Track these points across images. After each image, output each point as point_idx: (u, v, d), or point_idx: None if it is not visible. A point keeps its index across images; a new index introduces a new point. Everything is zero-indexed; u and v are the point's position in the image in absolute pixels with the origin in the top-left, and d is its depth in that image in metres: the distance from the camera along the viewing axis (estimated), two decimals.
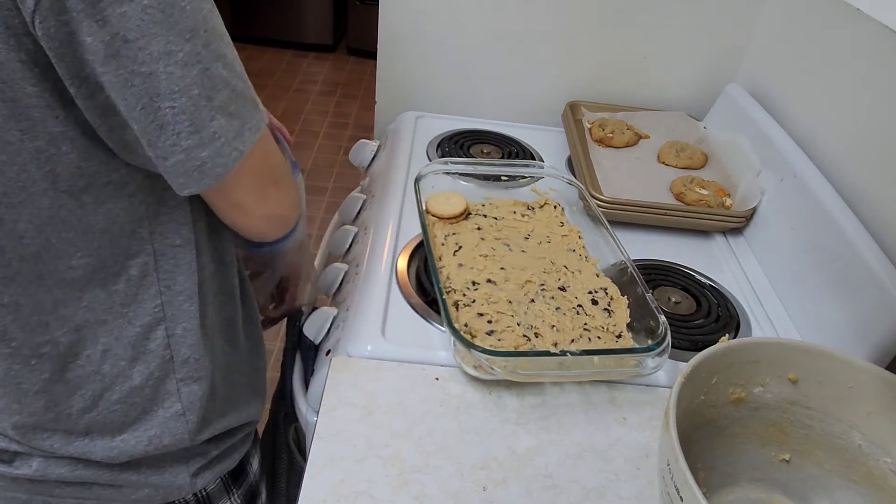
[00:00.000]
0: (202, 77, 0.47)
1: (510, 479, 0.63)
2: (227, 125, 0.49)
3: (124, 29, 0.43)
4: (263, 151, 0.55)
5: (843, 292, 0.79)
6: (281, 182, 0.59)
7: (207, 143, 0.49)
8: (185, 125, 0.47)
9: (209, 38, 0.47)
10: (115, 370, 0.58)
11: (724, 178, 1.08)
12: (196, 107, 0.47)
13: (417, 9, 1.19)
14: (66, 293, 0.55)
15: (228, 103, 0.49)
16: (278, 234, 0.64)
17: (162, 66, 0.45)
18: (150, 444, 0.61)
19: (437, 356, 0.74)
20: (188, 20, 0.46)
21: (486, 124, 1.24)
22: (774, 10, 1.14)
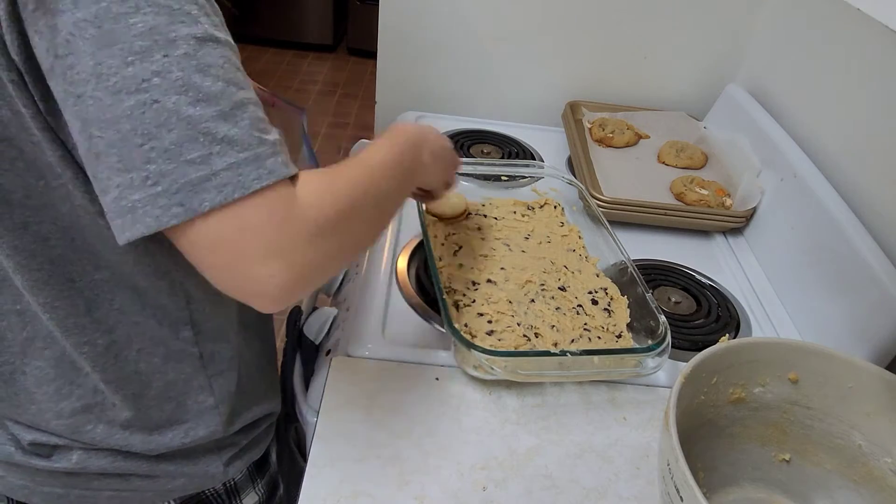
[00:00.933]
0: (142, 109, 0.39)
1: (510, 479, 0.63)
2: (174, 172, 0.40)
3: (55, 43, 0.39)
4: (244, 218, 0.41)
5: (843, 292, 0.79)
6: (276, 258, 0.42)
7: (139, 187, 0.40)
8: (114, 160, 0.40)
9: (170, 65, 0.39)
10: (151, 368, 0.59)
11: (724, 178, 1.08)
12: (125, 143, 0.39)
13: (417, 9, 1.19)
14: (98, 295, 0.55)
15: (186, 147, 0.40)
16: (268, 307, 0.45)
17: (90, 89, 0.39)
18: (186, 436, 0.63)
19: (437, 356, 0.74)
20: (135, 40, 0.39)
21: (486, 124, 1.24)
22: (774, 10, 1.14)
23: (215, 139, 0.40)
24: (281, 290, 0.42)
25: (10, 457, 0.61)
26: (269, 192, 0.41)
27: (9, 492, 0.63)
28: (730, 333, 0.82)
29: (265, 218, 0.41)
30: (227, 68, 0.42)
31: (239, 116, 0.42)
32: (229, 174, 0.40)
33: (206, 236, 0.41)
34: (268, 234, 0.41)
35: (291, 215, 0.42)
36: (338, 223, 0.46)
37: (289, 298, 0.44)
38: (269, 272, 0.42)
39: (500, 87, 1.27)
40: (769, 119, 1.06)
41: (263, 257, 0.41)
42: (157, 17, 0.39)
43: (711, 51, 1.22)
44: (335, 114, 3.36)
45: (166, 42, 0.39)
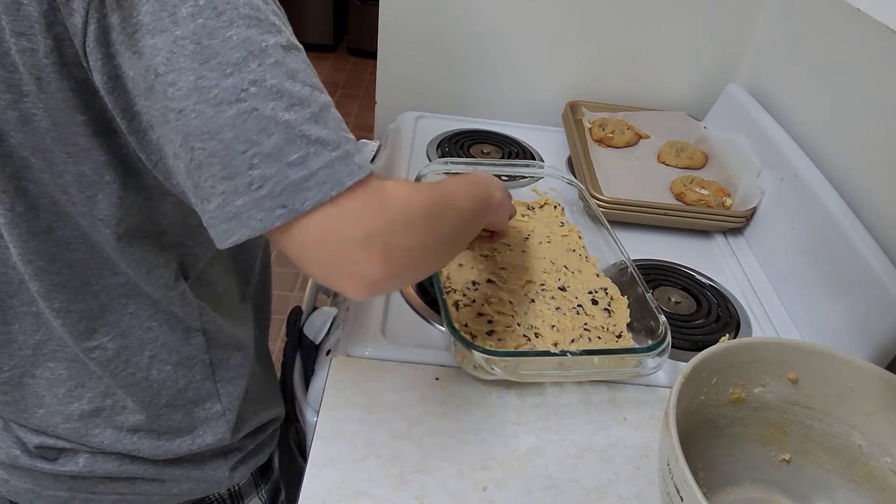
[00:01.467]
0: (243, 118, 0.41)
1: (510, 479, 0.63)
2: (277, 175, 0.41)
3: (155, 62, 0.41)
4: (343, 208, 0.43)
5: (843, 292, 0.79)
6: (375, 241, 0.44)
7: (243, 192, 0.42)
8: (217, 168, 0.42)
9: (264, 73, 0.41)
10: (162, 375, 0.60)
11: (724, 178, 1.08)
12: (228, 151, 0.41)
13: (417, 9, 1.19)
14: (113, 299, 0.56)
15: (285, 150, 0.41)
16: (361, 292, 0.46)
17: (192, 103, 0.41)
18: (193, 443, 0.63)
19: (437, 356, 0.74)
20: (232, 52, 0.40)
21: (486, 124, 1.24)
22: (774, 10, 1.14)
23: (310, 140, 0.42)
24: (376, 273, 0.44)
25: (15, 460, 0.61)
26: (362, 186, 0.43)
27: (13, 496, 0.63)
28: (730, 333, 0.82)
29: (363, 206, 0.43)
30: (309, 73, 0.44)
31: (327, 117, 0.44)
32: (326, 172, 0.42)
33: (309, 232, 0.43)
34: (367, 220, 0.43)
35: (385, 204, 0.45)
36: (426, 219, 0.48)
37: (381, 284, 0.45)
38: (367, 255, 0.43)
39: (500, 87, 1.27)
40: (769, 119, 1.06)
41: (362, 241, 0.43)
42: (249, 28, 0.41)
43: (711, 51, 1.22)
44: None
45: (259, 52, 0.41)
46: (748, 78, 1.20)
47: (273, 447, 0.74)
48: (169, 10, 0.40)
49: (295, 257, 0.45)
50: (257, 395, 0.69)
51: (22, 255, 0.51)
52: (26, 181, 0.49)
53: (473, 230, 0.65)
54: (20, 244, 0.51)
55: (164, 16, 0.40)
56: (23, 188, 0.49)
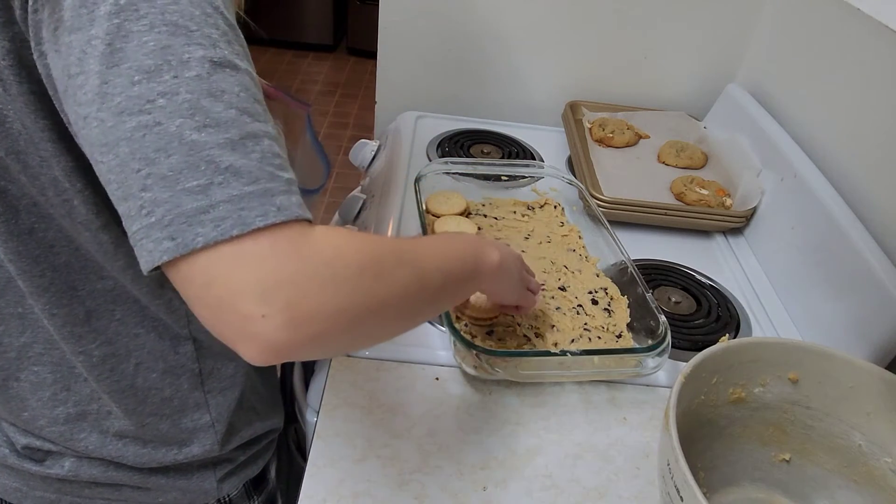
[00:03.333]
0: (142, 132, 0.36)
1: (510, 479, 0.63)
2: (169, 201, 0.36)
3: (69, 62, 0.37)
4: (242, 249, 0.36)
5: (843, 292, 0.79)
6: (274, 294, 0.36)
7: (135, 216, 0.37)
8: (114, 187, 0.37)
9: (178, 86, 0.36)
10: (148, 383, 0.59)
11: (724, 178, 1.08)
12: (123, 168, 0.36)
13: (417, 9, 1.19)
14: (99, 304, 0.55)
15: (184, 174, 0.36)
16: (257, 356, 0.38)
17: (94, 109, 0.37)
18: (180, 452, 0.62)
19: (437, 356, 0.74)
20: (145, 59, 0.36)
21: (486, 124, 1.24)
22: (774, 10, 1.14)
23: (218, 168, 0.36)
24: (275, 335, 0.36)
25: (4, 458, 0.61)
26: (274, 231, 0.37)
27: (2, 493, 0.63)
28: (730, 333, 0.82)
29: (267, 250, 0.36)
30: (242, 97, 0.39)
31: (250, 147, 0.38)
32: (229, 207, 0.36)
33: (198, 273, 0.36)
34: (268, 266, 0.36)
35: (302, 254, 0.37)
36: (360, 277, 0.39)
37: (283, 350, 0.37)
38: (263, 311, 0.36)
39: (500, 87, 1.27)
40: (769, 119, 1.06)
41: (261, 293, 0.36)
42: (173, 37, 0.37)
43: (711, 51, 1.22)
44: (335, 114, 3.36)
45: (178, 63, 0.37)
46: (748, 78, 1.20)
47: (268, 458, 0.72)
48: (88, 7, 0.37)
49: (186, 297, 0.38)
50: (253, 406, 0.67)
51: (4, 254, 0.51)
52: (5, 181, 0.48)
53: (442, 296, 0.51)
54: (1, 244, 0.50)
55: (84, 13, 0.37)
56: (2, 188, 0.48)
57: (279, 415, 0.73)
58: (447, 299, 0.55)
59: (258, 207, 0.37)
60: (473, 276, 0.55)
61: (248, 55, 0.42)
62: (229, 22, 0.41)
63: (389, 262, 0.42)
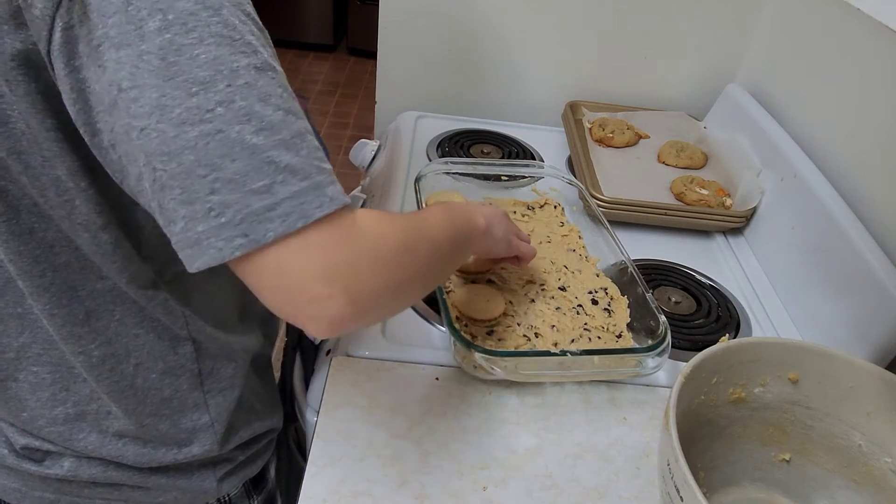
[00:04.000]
0: (206, 140, 0.39)
1: (510, 479, 0.63)
2: (238, 202, 0.39)
3: (119, 77, 0.39)
4: (307, 241, 0.41)
5: (843, 292, 0.79)
6: (337, 278, 0.41)
7: (202, 218, 0.40)
8: (177, 192, 0.40)
9: (233, 94, 0.39)
10: (147, 383, 0.59)
11: (724, 178, 1.08)
12: (188, 175, 0.39)
13: (417, 9, 1.19)
14: (99, 305, 0.55)
15: (249, 177, 0.39)
16: (322, 331, 0.44)
17: (154, 121, 0.39)
18: (180, 452, 0.62)
19: (437, 356, 0.74)
20: (199, 71, 0.39)
21: (486, 124, 1.24)
22: (774, 10, 1.14)
23: (278, 168, 0.40)
24: (338, 312, 0.42)
25: (2, 459, 0.61)
26: (330, 219, 0.41)
27: (1, 494, 0.63)
28: (730, 333, 0.82)
29: (327, 240, 0.41)
30: (285, 97, 0.42)
31: (299, 145, 0.41)
32: (292, 203, 0.40)
33: (270, 263, 0.41)
34: (330, 254, 0.41)
35: (353, 239, 0.42)
36: (398, 254, 0.45)
37: (344, 324, 0.43)
38: (328, 292, 0.41)
39: (500, 87, 1.27)
40: (769, 119, 1.06)
41: (325, 277, 0.41)
42: (220, 47, 0.39)
43: (711, 51, 1.22)
44: (335, 114, 3.36)
45: (229, 72, 0.39)
46: (748, 78, 1.20)
47: (268, 458, 0.73)
48: (136, 24, 0.38)
49: (257, 286, 0.42)
50: (252, 406, 0.67)
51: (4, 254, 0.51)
52: (5, 181, 0.48)
53: (452, 262, 0.61)
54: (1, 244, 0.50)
55: (131, 29, 0.38)
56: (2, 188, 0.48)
57: (278, 415, 0.73)
58: (454, 264, 0.64)
59: (315, 200, 0.41)
60: (469, 241, 0.62)
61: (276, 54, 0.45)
62: (260, 26, 0.43)
63: (414, 239, 0.48)
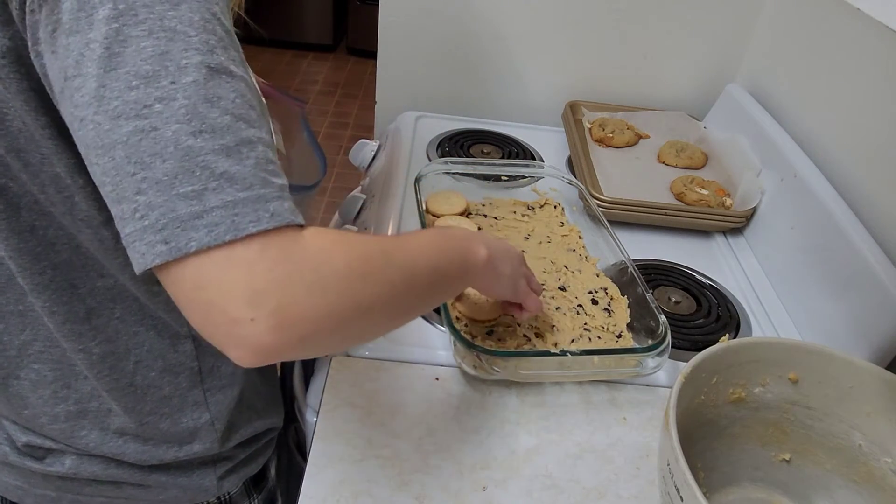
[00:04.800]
0: (138, 136, 0.36)
1: (510, 479, 0.63)
2: (163, 206, 0.36)
3: (66, 64, 0.38)
4: (233, 254, 0.37)
5: (843, 292, 0.79)
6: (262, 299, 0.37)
7: (129, 219, 0.37)
8: (108, 189, 0.38)
9: (175, 92, 0.37)
10: (147, 381, 0.59)
11: (724, 177, 1.08)
12: (118, 171, 0.37)
13: (417, 9, 1.19)
14: (100, 303, 0.55)
15: (179, 179, 0.36)
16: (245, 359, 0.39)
17: (91, 112, 0.37)
18: (181, 450, 0.62)
19: (437, 356, 0.74)
20: (143, 64, 0.37)
21: (486, 124, 1.24)
22: (774, 10, 1.14)
23: (213, 174, 0.37)
24: (262, 339, 0.37)
25: (4, 456, 0.61)
26: (267, 236, 0.38)
27: (3, 491, 0.63)
28: (730, 333, 0.82)
29: (256, 257, 0.37)
30: (238, 103, 0.39)
31: (245, 154, 0.38)
32: (223, 213, 0.37)
33: (189, 276, 0.37)
34: (257, 273, 0.37)
35: (290, 258, 0.38)
36: (347, 280, 0.40)
37: (270, 352, 0.38)
38: (251, 315, 0.37)
39: (500, 87, 1.27)
40: (769, 119, 1.06)
41: (248, 298, 0.37)
42: (171, 42, 0.37)
43: (711, 51, 1.22)
44: (335, 114, 3.37)
45: (176, 68, 0.37)
46: (748, 78, 1.20)
47: (268, 456, 0.73)
48: (87, 11, 0.37)
49: (177, 299, 0.39)
50: (252, 404, 0.67)
51: (5, 251, 0.51)
52: (5, 178, 0.48)
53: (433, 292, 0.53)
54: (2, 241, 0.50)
55: (82, 16, 0.37)
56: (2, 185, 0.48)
57: (279, 413, 0.73)
58: (437, 297, 0.56)
59: (251, 213, 0.37)
60: (462, 274, 0.57)
61: (244, 61, 0.42)
62: (226, 28, 0.41)
63: (378, 264, 0.44)
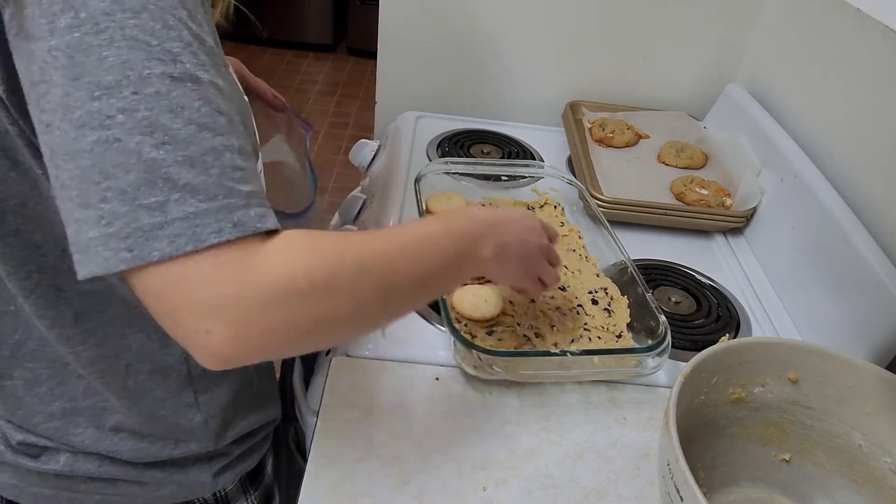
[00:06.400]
0: (103, 147, 0.37)
1: (510, 479, 0.63)
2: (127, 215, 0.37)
3: (31, 70, 0.38)
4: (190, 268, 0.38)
5: (843, 292, 0.79)
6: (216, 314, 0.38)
7: (94, 224, 0.38)
8: (74, 193, 0.38)
9: (137, 103, 0.37)
10: (138, 384, 0.59)
11: (724, 177, 1.08)
12: (84, 179, 0.38)
13: (417, 9, 1.19)
14: (89, 306, 0.54)
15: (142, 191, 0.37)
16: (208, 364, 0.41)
17: (58, 119, 0.38)
18: (176, 447, 0.62)
19: (437, 356, 0.74)
20: (104, 74, 0.37)
21: (486, 124, 1.24)
22: (774, 9, 1.14)
23: (175, 185, 0.38)
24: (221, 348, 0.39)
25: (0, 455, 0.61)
26: (228, 247, 0.39)
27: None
28: (730, 333, 0.82)
29: (213, 271, 0.38)
30: (203, 112, 0.39)
31: (209, 164, 0.39)
32: (185, 224, 0.38)
33: (152, 285, 0.39)
34: (212, 287, 0.38)
35: (245, 272, 0.39)
36: (308, 294, 0.41)
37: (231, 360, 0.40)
38: (207, 327, 0.38)
39: (500, 87, 1.27)
40: (769, 119, 1.06)
41: (203, 311, 0.38)
42: (132, 51, 0.37)
43: (711, 51, 1.22)
44: (335, 114, 3.37)
45: (138, 78, 0.37)
46: (748, 78, 1.20)
47: (264, 452, 0.72)
48: (48, 18, 0.37)
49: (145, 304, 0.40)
50: (248, 400, 0.67)
51: None
52: None
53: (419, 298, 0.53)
54: None
55: (43, 23, 0.37)
56: None
57: (276, 406, 0.73)
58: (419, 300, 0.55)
59: (213, 224, 0.38)
60: (454, 275, 0.56)
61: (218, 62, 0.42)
62: (195, 32, 0.41)
63: (347, 275, 0.43)
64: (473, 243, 0.56)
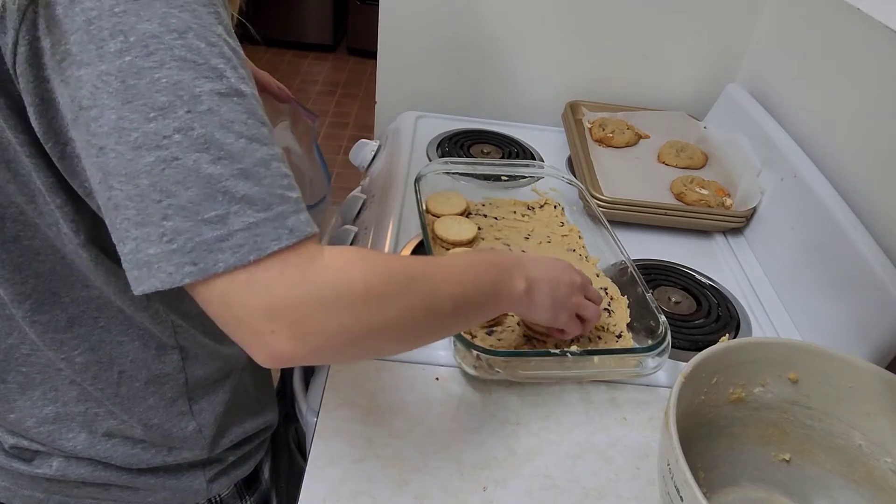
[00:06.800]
0: (161, 166, 0.38)
1: (510, 479, 0.63)
2: (190, 231, 0.39)
3: (80, 95, 0.39)
4: (254, 274, 0.40)
5: (843, 292, 0.79)
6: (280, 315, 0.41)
7: (155, 241, 0.39)
8: (132, 213, 0.39)
9: (192, 121, 0.39)
10: (131, 392, 0.59)
11: (724, 177, 1.08)
12: (143, 198, 0.39)
13: (417, 9, 1.19)
14: (83, 312, 0.54)
15: (203, 206, 0.39)
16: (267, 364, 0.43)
17: (112, 142, 0.39)
18: (169, 454, 0.62)
19: (437, 356, 0.74)
20: (158, 96, 0.38)
21: (486, 124, 1.24)
22: (774, 10, 1.14)
23: (234, 198, 0.39)
24: (281, 348, 0.41)
25: None
26: (287, 252, 0.41)
27: None
28: (730, 333, 0.82)
29: (276, 274, 0.40)
30: (250, 124, 0.41)
31: (261, 174, 0.41)
32: (246, 235, 0.39)
33: (216, 294, 0.40)
34: (275, 291, 0.40)
35: (307, 276, 0.41)
36: (363, 299, 0.43)
37: (291, 360, 0.42)
38: (270, 328, 0.41)
39: (500, 87, 1.27)
40: (769, 119, 1.06)
41: (267, 313, 0.40)
42: (182, 72, 0.39)
43: (711, 51, 1.22)
44: (335, 114, 3.37)
45: (190, 98, 0.39)
46: (748, 78, 1.20)
47: (260, 458, 0.72)
48: (97, 43, 0.38)
49: (208, 313, 0.42)
50: (243, 408, 0.67)
51: None
52: None
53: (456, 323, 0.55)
54: None
55: (92, 48, 0.38)
56: None
57: (272, 412, 0.73)
58: (458, 325, 0.58)
59: (272, 232, 0.40)
60: (492, 304, 0.58)
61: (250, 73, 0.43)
62: (232, 46, 0.42)
63: (396, 287, 0.46)
64: (508, 275, 0.59)
